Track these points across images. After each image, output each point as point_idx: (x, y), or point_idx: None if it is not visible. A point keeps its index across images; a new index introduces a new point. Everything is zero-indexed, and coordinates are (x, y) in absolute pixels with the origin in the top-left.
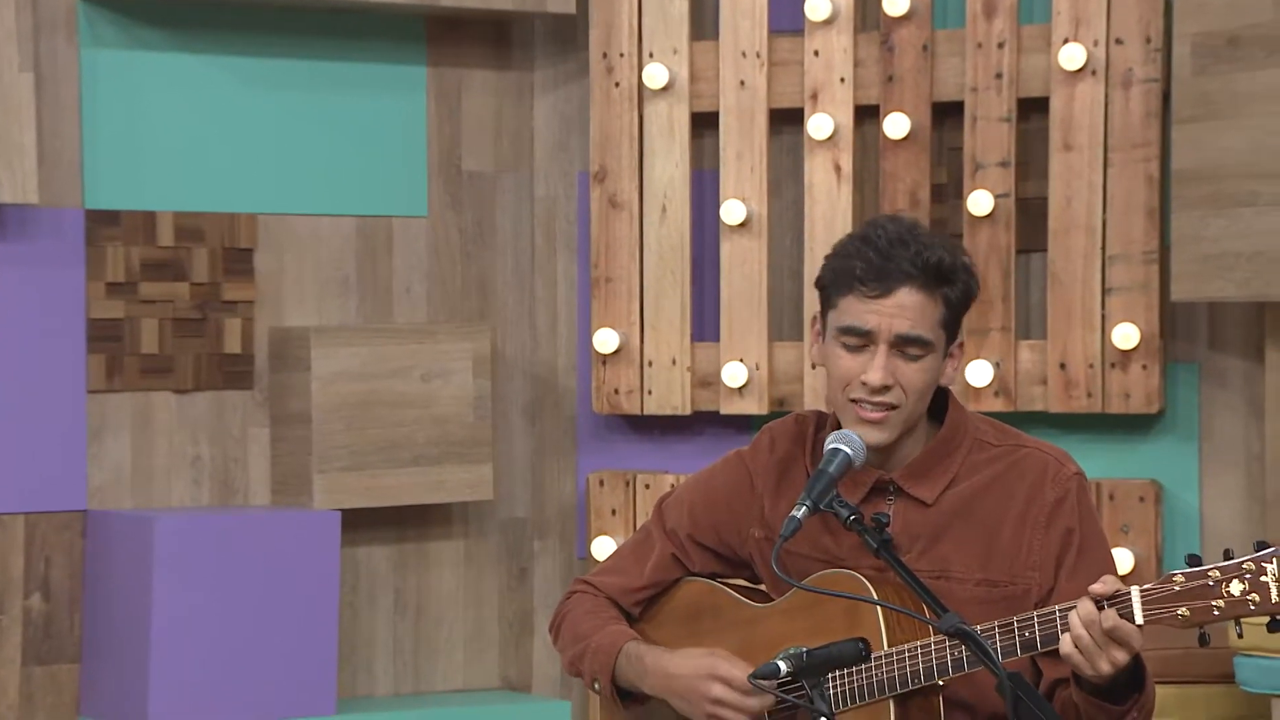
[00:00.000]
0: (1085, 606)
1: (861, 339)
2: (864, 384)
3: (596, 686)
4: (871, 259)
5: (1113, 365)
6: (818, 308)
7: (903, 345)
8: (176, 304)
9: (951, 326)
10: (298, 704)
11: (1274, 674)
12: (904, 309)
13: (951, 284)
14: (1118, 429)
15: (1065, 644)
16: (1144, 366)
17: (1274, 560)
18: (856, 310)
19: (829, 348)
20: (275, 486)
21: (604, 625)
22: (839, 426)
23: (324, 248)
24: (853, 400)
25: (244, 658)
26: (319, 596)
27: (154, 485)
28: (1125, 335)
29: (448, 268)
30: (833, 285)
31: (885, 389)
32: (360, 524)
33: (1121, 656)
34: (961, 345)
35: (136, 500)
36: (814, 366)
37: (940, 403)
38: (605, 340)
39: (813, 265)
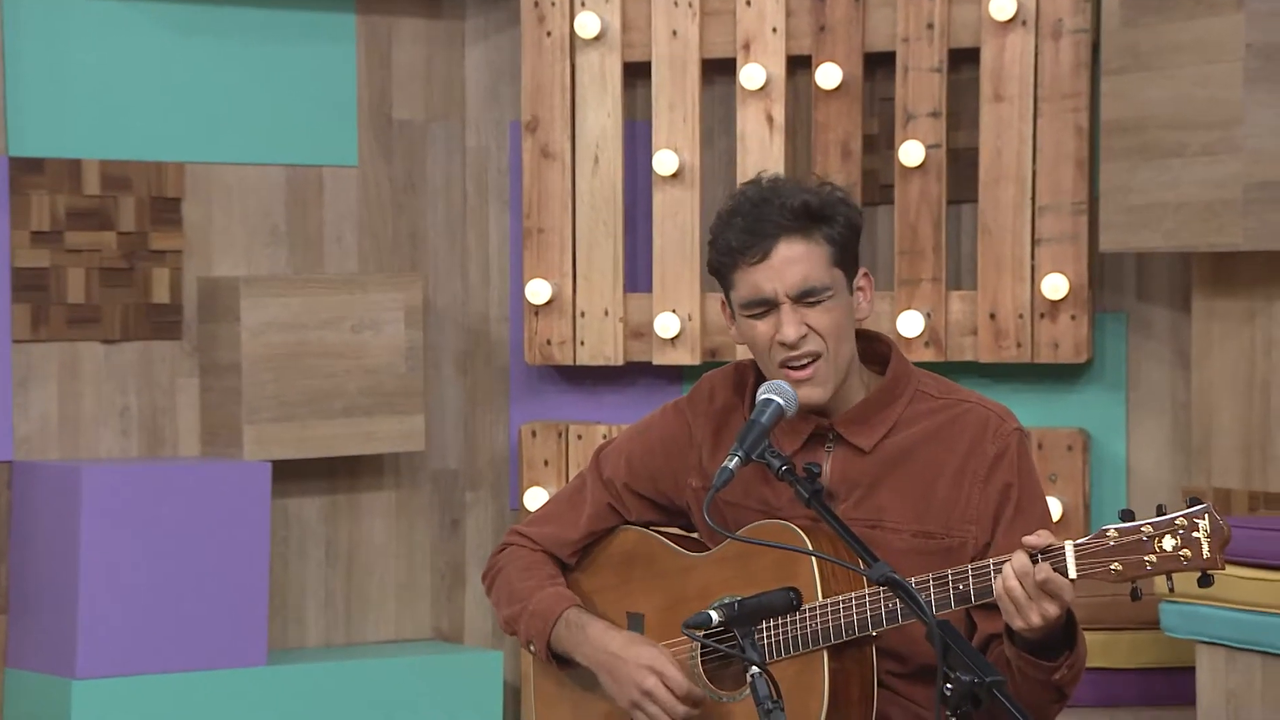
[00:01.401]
0: (1020, 559)
1: (763, 306)
2: (781, 344)
3: (532, 649)
4: (742, 225)
5: (1042, 315)
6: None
7: (802, 298)
8: (103, 253)
9: (845, 262)
10: (228, 655)
11: (1198, 619)
12: (790, 263)
13: (829, 221)
14: (1046, 378)
15: (997, 587)
16: (1073, 317)
17: (1206, 517)
18: (749, 282)
19: (741, 325)
20: (205, 437)
21: (542, 586)
22: None
23: (253, 197)
24: (780, 366)
25: (174, 609)
26: (249, 548)
27: (81, 436)
28: (1054, 286)
29: (378, 218)
30: (722, 266)
31: (802, 340)
32: (291, 475)
33: (1053, 609)
34: (867, 275)
35: (64, 451)
36: (738, 344)
37: (884, 353)
38: (537, 291)
39: None
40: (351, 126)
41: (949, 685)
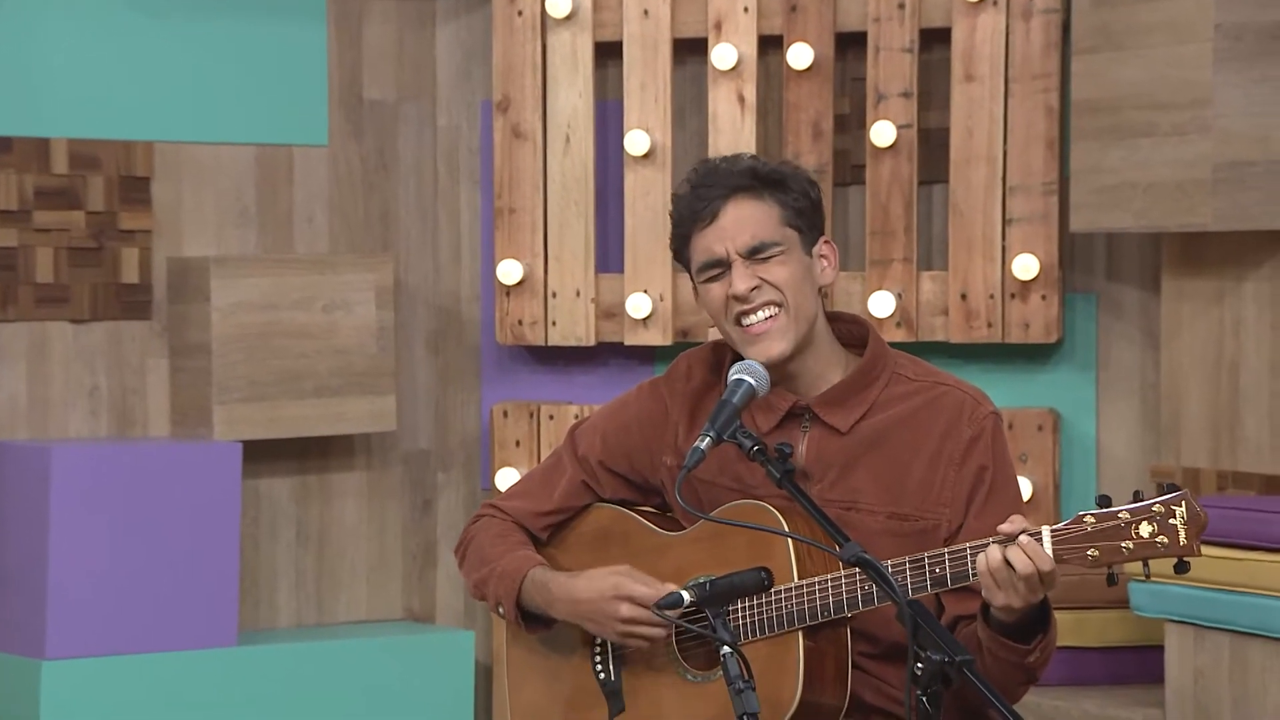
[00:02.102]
0: (1019, 555)
1: (716, 268)
2: (734, 298)
3: (501, 611)
4: (693, 192)
5: (1012, 295)
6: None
7: (753, 255)
8: (72, 233)
9: (803, 226)
10: (198, 636)
11: (1166, 599)
12: (739, 222)
13: (781, 187)
14: (1017, 358)
15: (982, 565)
16: (1043, 297)
17: (1183, 503)
18: (702, 246)
19: (700, 294)
20: (175, 418)
21: (510, 550)
22: None
23: (223, 177)
24: (737, 325)
25: (143, 590)
26: (220, 528)
27: (50, 416)
28: (1025, 266)
29: (349, 198)
30: (680, 240)
31: (754, 290)
32: (261, 455)
33: (1038, 595)
34: (830, 244)
35: (33, 431)
36: (712, 327)
37: (862, 335)
38: (508, 271)
39: None
40: (322, 106)
41: (919, 664)
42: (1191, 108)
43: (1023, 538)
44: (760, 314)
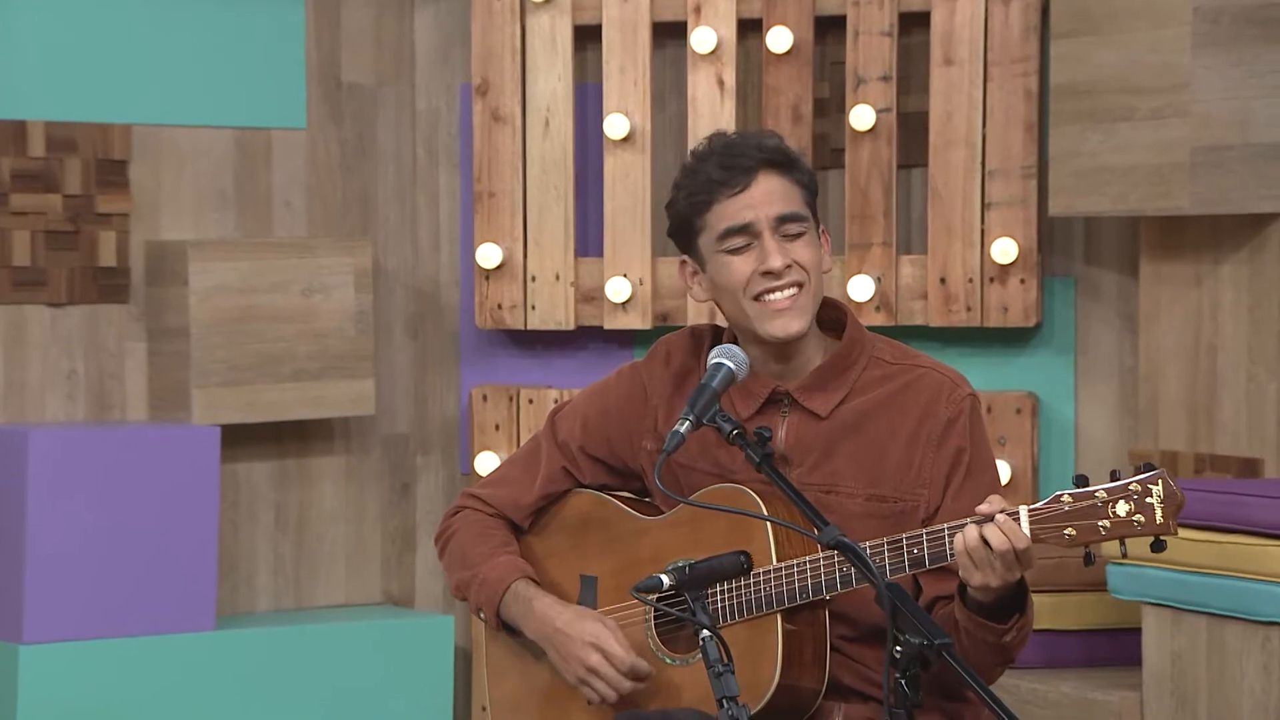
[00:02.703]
0: (995, 533)
1: (745, 236)
2: (767, 272)
3: (482, 616)
4: (719, 162)
5: (991, 279)
6: (680, 255)
7: (783, 224)
8: (49, 216)
9: (815, 210)
10: (177, 620)
11: (1143, 581)
12: (770, 194)
13: (799, 170)
14: (996, 342)
15: (959, 545)
16: (1022, 281)
17: (1160, 482)
18: (728, 213)
19: (715, 267)
20: (153, 402)
21: (493, 554)
22: (735, 340)
23: (201, 160)
24: (758, 298)
25: (122, 574)
26: (198, 512)
27: (27, 400)
28: (1004, 250)
29: (327, 181)
30: (692, 212)
31: (787, 269)
32: (240, 440)
33: (1015, 574)
34: (825, 233)
35: (9, 415)
36: (700, 301)
37: (840, 319)
38: (488, 255)
39: None
40: (300, 89)
41: (898, 648)
42: (1170, 92)
43: (999, 516)
44: (787, 291)
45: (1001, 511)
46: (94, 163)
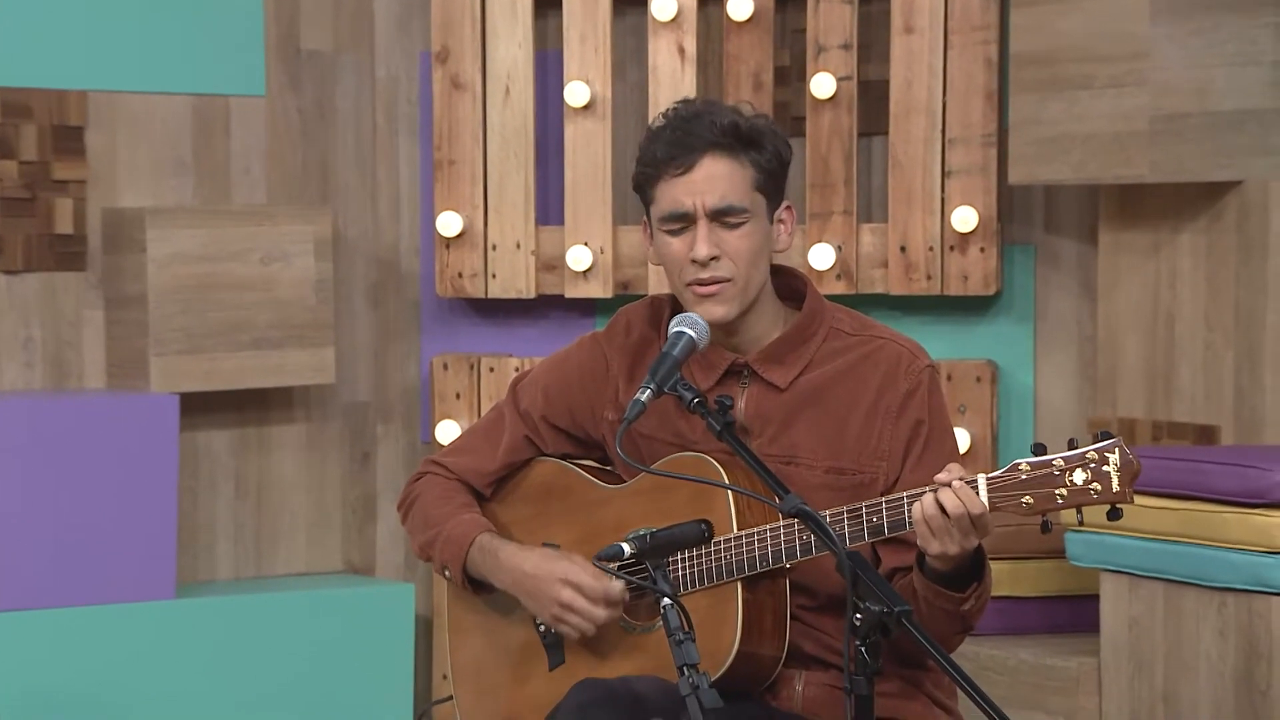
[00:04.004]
0: (949, 497)
1: (681, 221)
2: (693, 261)
3: (447, 574)
4: (669, 138)
5: (951, 248)
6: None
7: (720, 216)
8: (4, 183)
9: (770, 190)
10: (136, 589)
11: (1102, 548)
12: (712, 179)
13: (757, 147)
14: (956, 310)
15: (917, 514)
16: (982, 249)
17: (1116, 450)
18: (670, 195)
19: (657, 241)
20: (111, 370)
21: (457, 512)
22: None
23: (158, 127)
24: (688, 283)
25: (81, 543)
26: (157, 481)
27: None
28: (964, 218)
29: (287, 149)
30: (645, 180)
31: (713, 260)
32: (200, 408)
33: (973, 541)
34: (790, 209)
35: None
36: (653, 265)
37: (800, 289)
38: (448, 223)
39: None
40: (259, 56)
41: (858, 615)
42: (1129, 60)
43: (955, 482)
44: (713, 285)
45: (959, 479)
46: (50, 129)
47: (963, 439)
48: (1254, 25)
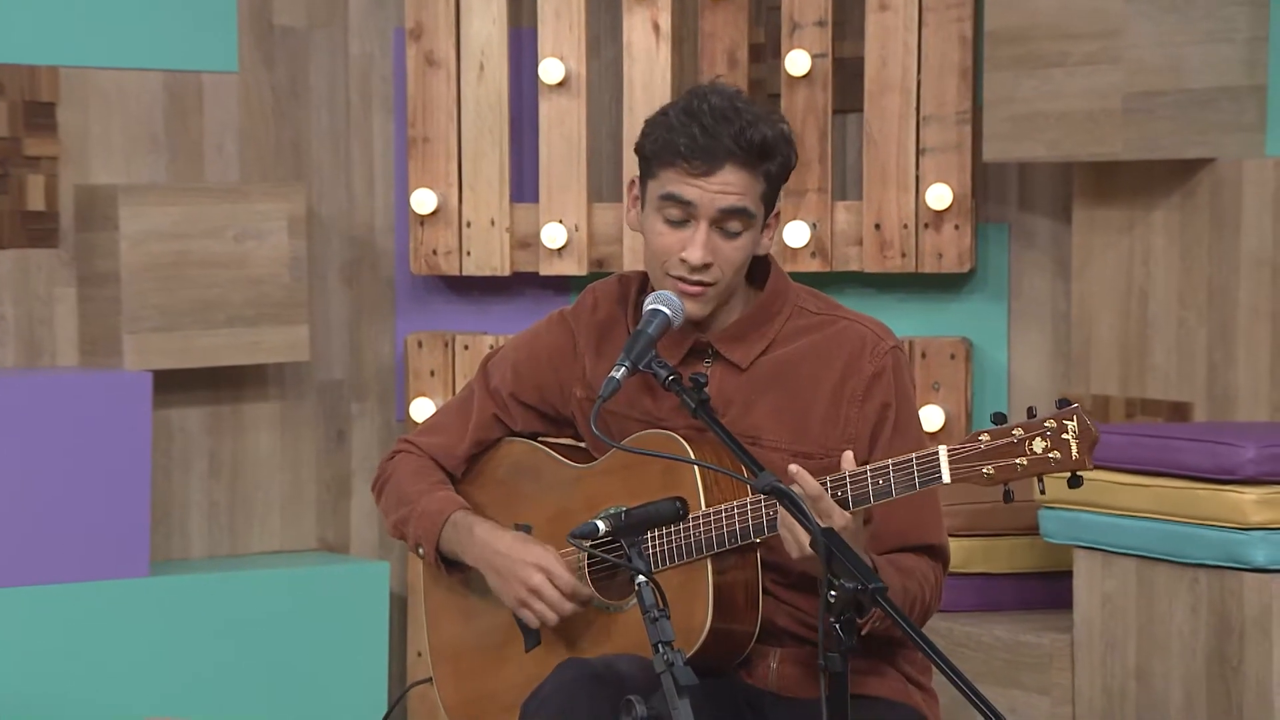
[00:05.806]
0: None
1: (683, 210)
2: (684, 261)
3: (420, 552)
4: (696, 136)
5: (926, 225)
6: (636, 172)
7: (724, 220)
8: None
9: (771, 200)
10: (109, 567)
11: (1075, 525)
12: (727, 186)
13: (773, 159)
14: (930, 288)
15: (781, 517)
16: (956, 226)
17: (1074, 418)
18: (681, 183)
19: (648, 217)
20: (84, 348)
21: (430, 490)
22: None
23: (131, 103)
24: (672, 275)
25: (54, 521)
26: (131, 459)
27: None
28: (938, 196)
29: (260, 126)
30: (655, 156)
31: (705, 267)
32: (173, 386)
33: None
34: (778, 215)
35: None
36: (631, 229)
37: (763, 269)
38: (423, 201)
39: (632, 126)
40: (232, 32)
41: (833, 592)
42: (1103, 37)
43: (792, 466)
44: (697, 288)
45: (924, 455)
46: (21, 105)
47: (937, 417)
48: (1227, 3)
